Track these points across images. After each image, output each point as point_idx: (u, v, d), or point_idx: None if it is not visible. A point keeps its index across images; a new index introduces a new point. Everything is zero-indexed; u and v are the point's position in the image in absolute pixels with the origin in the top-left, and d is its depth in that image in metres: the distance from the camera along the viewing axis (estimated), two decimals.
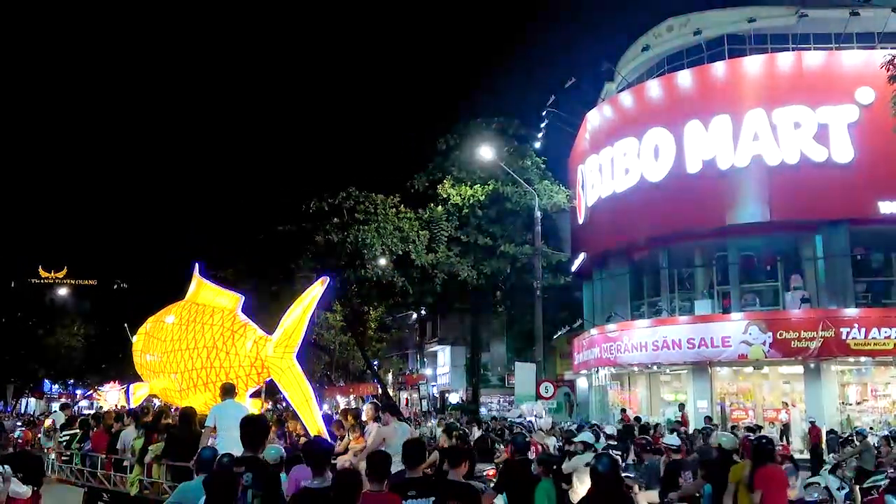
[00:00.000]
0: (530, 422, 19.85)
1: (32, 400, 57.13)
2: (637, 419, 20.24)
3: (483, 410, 32.46)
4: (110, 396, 40.94)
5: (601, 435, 13.38)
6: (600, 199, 27.86)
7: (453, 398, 41.74)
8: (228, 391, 9.66)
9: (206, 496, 5.40)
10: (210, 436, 8.94)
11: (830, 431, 18.89)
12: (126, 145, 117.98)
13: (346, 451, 10.51)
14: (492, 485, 8.56)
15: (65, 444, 13.34)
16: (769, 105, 23.46)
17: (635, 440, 13.09)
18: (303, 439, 11.74)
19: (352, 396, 40.77)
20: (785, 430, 22.08)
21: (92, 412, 21.50)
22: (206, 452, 6.39)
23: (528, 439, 8.56)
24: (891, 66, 17.63)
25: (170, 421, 11.25)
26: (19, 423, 28.63)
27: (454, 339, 41.72)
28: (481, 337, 35.72)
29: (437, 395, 44.61)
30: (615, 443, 13.51)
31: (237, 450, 8.89)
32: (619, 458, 10.91)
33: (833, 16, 25.21)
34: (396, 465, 6.43)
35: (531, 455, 8.84)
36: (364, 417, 11.50)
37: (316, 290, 10.93)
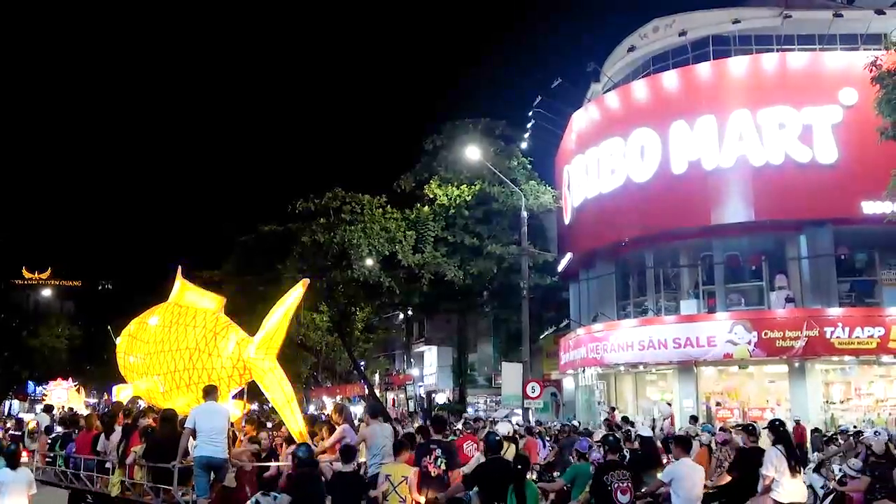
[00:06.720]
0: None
1: (16, 402, 56.63)
2: (625, 419, 20.27)
3: (470, 410, 32.45)
4: (55, 395, 40.19)
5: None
6: (586, 200, 27.87)
7: (440, 398, 41.69)
8: (210, 393, 9.62)
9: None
10: (189, 437, 8.88)
11: (815, 430, 19.00)
12: (112, 146, 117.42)
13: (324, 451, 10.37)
14: None
15: (49, 445, 13.31)
16: (754, 106, 23.55)
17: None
18: (278, 439, 11.63)
19: (338, 397, 40.67)
20: None
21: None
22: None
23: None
24: (874, 68, 17.72)
25: (150, 421, 11.16)
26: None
27: (441, 339, 41.63)
28: (468, 337, 35.73)
29: (424, 396, 44.54)
30: None
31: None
32: None
33: (817, 17, 25.41)
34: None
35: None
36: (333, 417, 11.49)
37: (297, 292, 10.89)
